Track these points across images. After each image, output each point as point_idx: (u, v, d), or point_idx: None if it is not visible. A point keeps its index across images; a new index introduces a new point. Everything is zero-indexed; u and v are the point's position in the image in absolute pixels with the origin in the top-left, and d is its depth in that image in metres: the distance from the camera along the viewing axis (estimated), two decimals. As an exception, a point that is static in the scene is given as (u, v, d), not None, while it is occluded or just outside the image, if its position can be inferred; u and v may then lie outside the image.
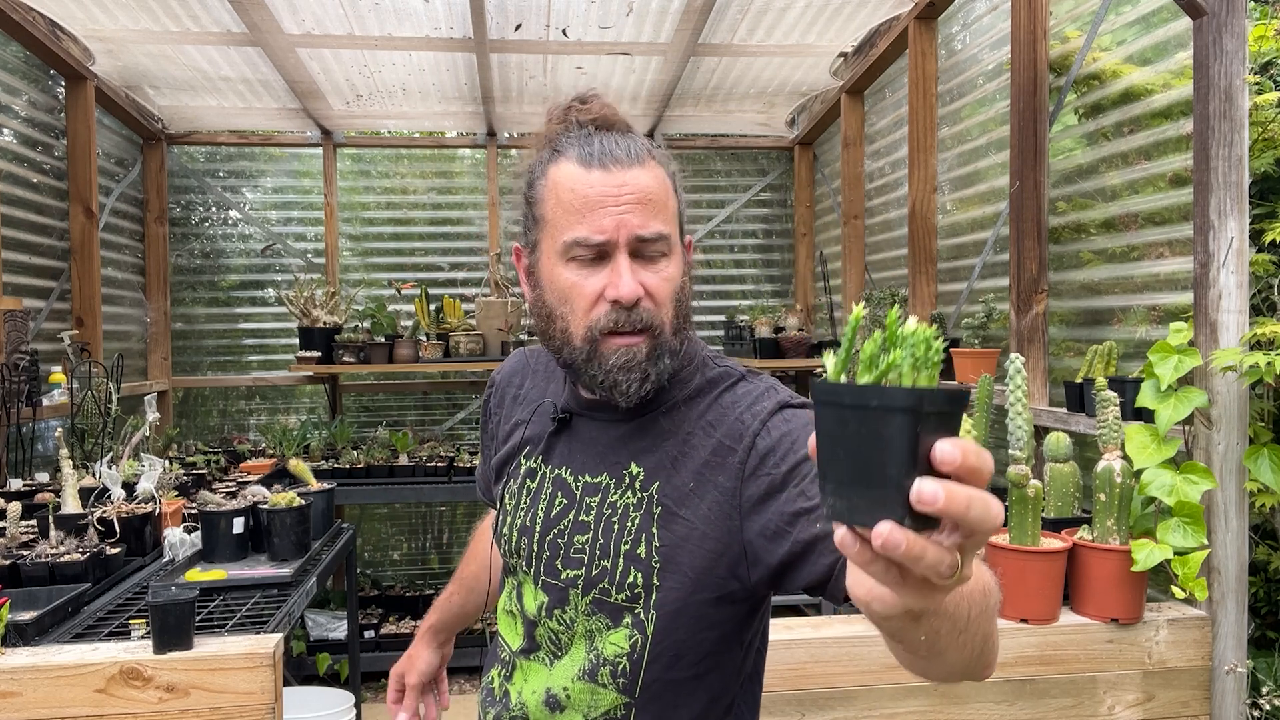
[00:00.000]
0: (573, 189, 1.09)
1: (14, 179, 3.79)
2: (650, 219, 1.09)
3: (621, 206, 1.07)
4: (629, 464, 1.16)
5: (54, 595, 2.21)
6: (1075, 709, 2.08)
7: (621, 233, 1.08)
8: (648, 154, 1.12)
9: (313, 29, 3.90)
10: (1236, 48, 2.11)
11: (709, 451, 1.13)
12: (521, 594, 1.22)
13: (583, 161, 1.10)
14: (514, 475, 1.27)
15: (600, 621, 1.14)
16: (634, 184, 1.08)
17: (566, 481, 1.20)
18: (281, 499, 2.85)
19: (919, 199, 3.78)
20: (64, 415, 3.60)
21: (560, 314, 1.12)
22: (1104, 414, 2.13)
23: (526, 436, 1.27)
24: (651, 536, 1.12)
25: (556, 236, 1.11)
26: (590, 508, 1.16)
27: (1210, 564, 2.13)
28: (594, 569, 1.14)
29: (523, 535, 1.22)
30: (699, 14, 3.78)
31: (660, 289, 1.10)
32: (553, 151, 1.14)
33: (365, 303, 5.08)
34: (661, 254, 1.11)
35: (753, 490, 1.08)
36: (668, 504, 1.13)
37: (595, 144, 1.11)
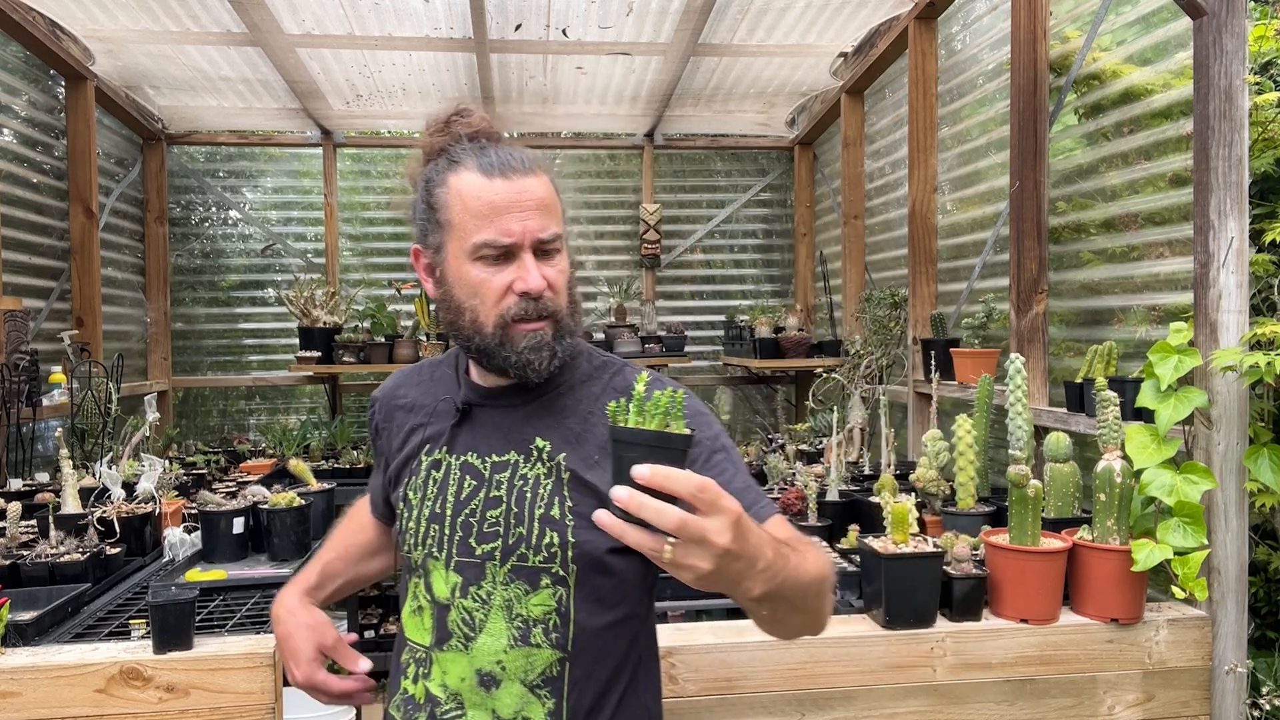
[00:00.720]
0: (478, 196, 1.22)
1: (14, 179, 3.79)
2: (548, 222, 1.24)
3: (524, 212, 1.22)
4: (534, 439, 1.30)
5: (54, 595, 2.21)
6: (1075, 709, 2.08)
7: (526, 235, 1.22)
8: (537, 163, 1.27)
9: (313, 29, 3.90)
10: (1236, 48, 2.11)
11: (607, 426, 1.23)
12: (430, 582, 1.30)
13: (484, 171, 1.23)
14: (415, 473, 1.36)
15: (518, 589, 1.25)
16: (532, 191, 1.23)
17: (474, 465, 1.31)
18: (281, 499, 2.85)
19: (919, 199, 3.78)
20: (64, 415, 3.60)
21: (470, 307, 1.25)
22: (1104, 414, 2.13)
23: (427, 436, 1.37)
24: (564, 499, 1.27)
25: (465, 239, 1.23)
26: (500, 483, 1.29)
27: (1210, 564, 2.13)
28: (511, 537, 1.26)
29: (432, 522, 1.30)
30: (699, 14, 3.78)
31: (557, 280, 1.27)
32: (450, 162, 1.27)
33: (365, 303, 5.08)
34: (556, 250, 1.27)
35: None
36: (575, 470, 1.27)
37: (492, 155, 1.24)
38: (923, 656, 2.04)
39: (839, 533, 2.77)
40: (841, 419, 4.01)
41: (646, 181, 5.65)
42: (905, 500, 2.25)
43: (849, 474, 3.40)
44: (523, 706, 1.23)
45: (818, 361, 4.76)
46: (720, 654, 1.97)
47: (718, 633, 2.03)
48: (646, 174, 5.65)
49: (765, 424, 5.63)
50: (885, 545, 2.12)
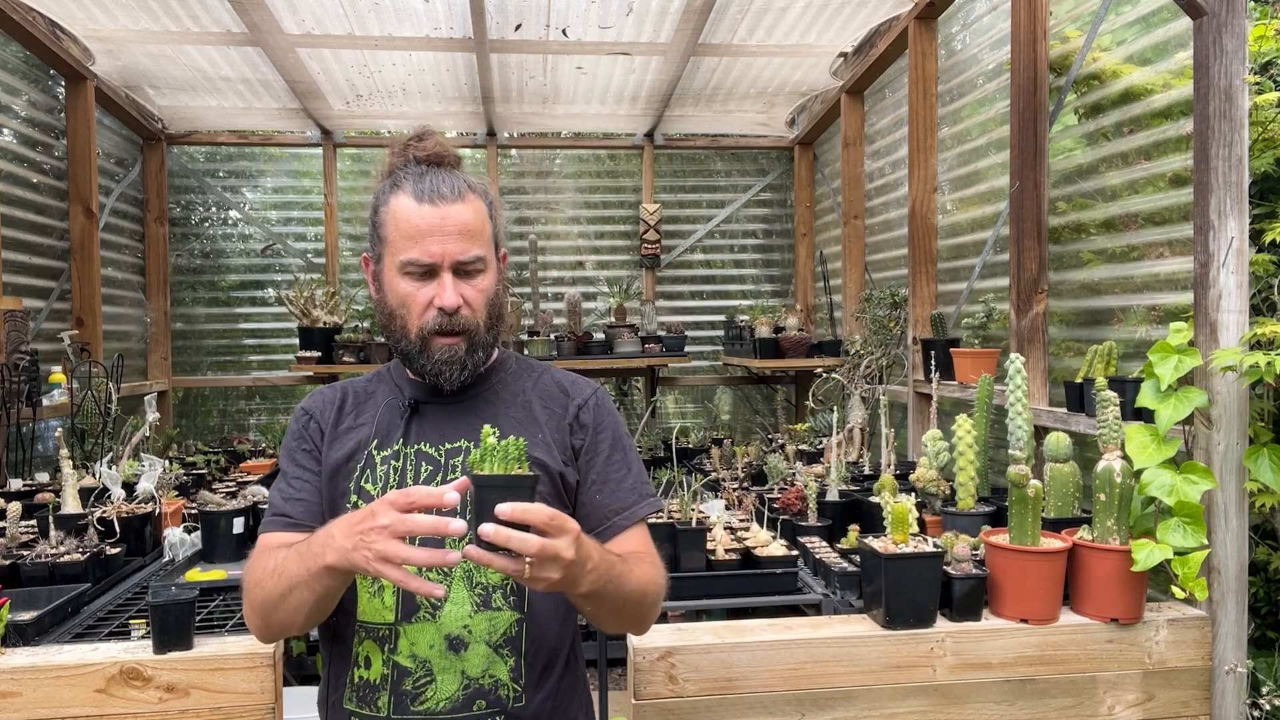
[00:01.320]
0: (408, 219, 1.36)
1: (14, 179, 3.79)
2: (469, 245, 1.37)
3: (446, 236, 1.36)
4: (481, 428, 1.34)
5: (54, 595, 2.21)
6: (1075, 709, 2.08)
7: (446, 258, 1.36)
8: (468, 189, 1.40)
9: (313, 29, 3.90)
10: (1236, 48, 2.11)
11: (546, 414, 1.49)
12: None
13: (416, 196, 1.37)
14: (370, 467, 1.43)
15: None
16: (455, 218, 1.36)
17: (428, 453, 1.43)
18: (281, 499, 2.84)
19: (919, 199, 3.78)
20: (64, 415, 3.60)
21: (399, 315, 1.40)
22: (1104, 414, 2.13)
23: (375, 431, 1.46)
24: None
25: (395, 255, 1.38)
26: (456, 466, 1.42)
27: (1210, 564, 2.13)
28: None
29: None
30: (699, 14, 3.78)
31: (476, 299, 1.40)
32: (393, 185, 1.41)
33: (365, 303, 5.08)
34: (478, 270, 1.40)
35: (577, 445, 1.49)
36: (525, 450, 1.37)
37: (426, 182, 1.38)
38: (923, 656, 2.04)
39: (839, 533, 2.77)
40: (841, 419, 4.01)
41: (646, 181, 5.65)
42: (905, 500, 2.25)
43: (849, 474, 3.40)
44: (489, 665, 1.37)
45: (818, 361, 4.76)
46: (720, 654, 1.97)
47: (718, 633, 2.03)
48: (646, 174, 5.65)
49: (765, 424, 5.63)
50: (885, 545, 2.12)
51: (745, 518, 3.07)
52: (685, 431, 5.32)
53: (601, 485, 1.48)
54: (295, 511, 1.44)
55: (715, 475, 4.07)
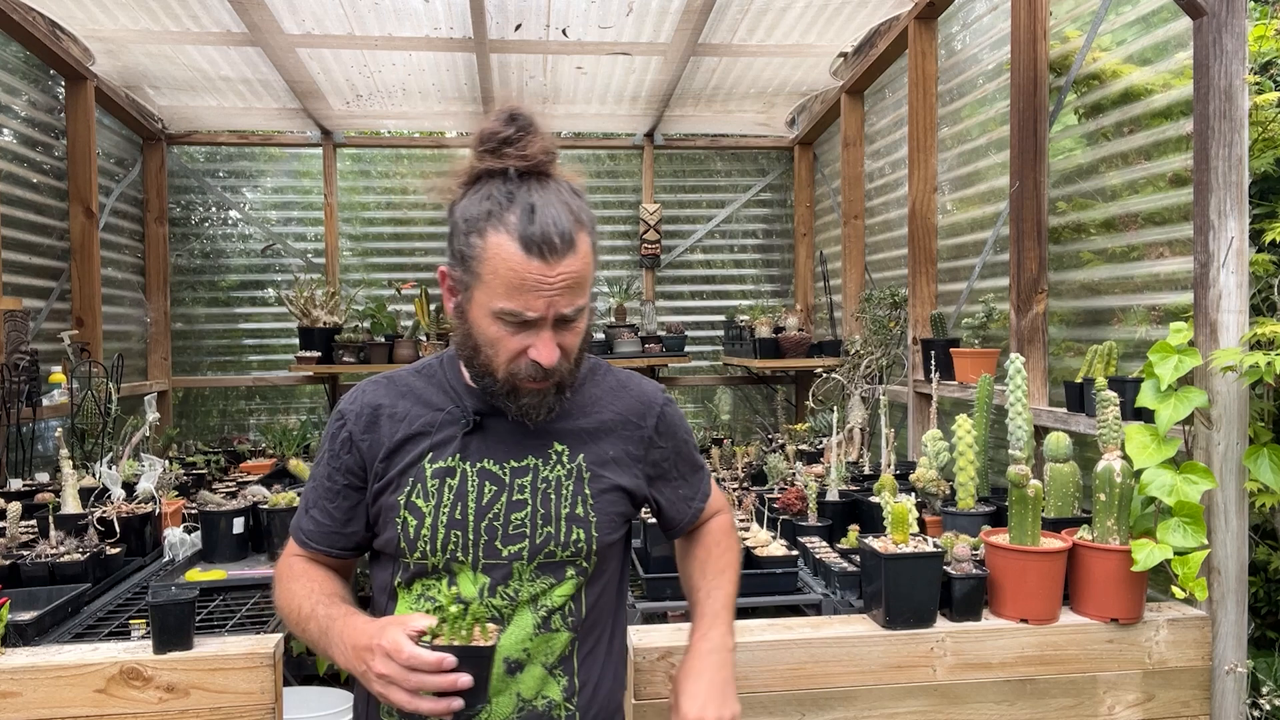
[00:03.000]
0: (512, 269, 1.22)
1: (14, 179, 3.79)
2: (575, 299, 1.27)
3: (553, 291, 1.24)
4: (552, 444, 1.40)
5: (54, 595, 2.21)
6: (1075, 709, 2.08)
7: (550, 312, 1.25)
8: (578, 227, 1.25)
9: (313, 29, 3.90)
10: (1236, 48, 2.11)
11: (620, 426, 1.45)
12: (457, 585, 1.35)
13: (524, 245, 1.22)
14: (419, 481, 1.35)
15: (545, 582, 1.36)
16: (566, 271, 1.24)
17: (492, 471, 1.37)
18: (281, 499, 2.85)
19: (919, 199, 3.78)
20: (64, 415, 3.60)
21: (486, 354, 1.30)
22: (1104, 414, 2.13)
23: (432, 444, 1.37)
24: (585, 497, 1.39)
25: (490, 299, 1.25)
26: (523, 487, 1.36)
27: (1210, 564, 2.13)
28: (538, 536, 1.35)
29: (453, 528, 1.34)
30: (699, 14, 3.78)
31: (571, 345, 1.32)
32: (492, 214, 1.24)
33: (365, 303, 5.08)
34: (580, 315, 1.31)
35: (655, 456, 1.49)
36: (594, 469, 1.40)
37: (537, 225, 1.21)
38: (923, 656, 2.04)
39: (839, 533, 2.77)
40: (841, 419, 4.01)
41: (646, 181, 5.65)
42: (905, 500, 2.25)
43: (849, 474, 3.40)
44: (542, 686, 1.35)
45: (818, 361, 4.76)
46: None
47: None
48: (646, 174, 5.65)
49: (765, 424, 5.63)
50: (885, 545, 2.12)
51: (745, 518, 3.07)
52: (685, 431, 5.31)
53: (684, 481, 1.54)
54: (309, 530, 1.43)
55: (715, 475, 4.07)
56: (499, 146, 1.25)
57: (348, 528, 1.42)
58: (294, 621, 1.37)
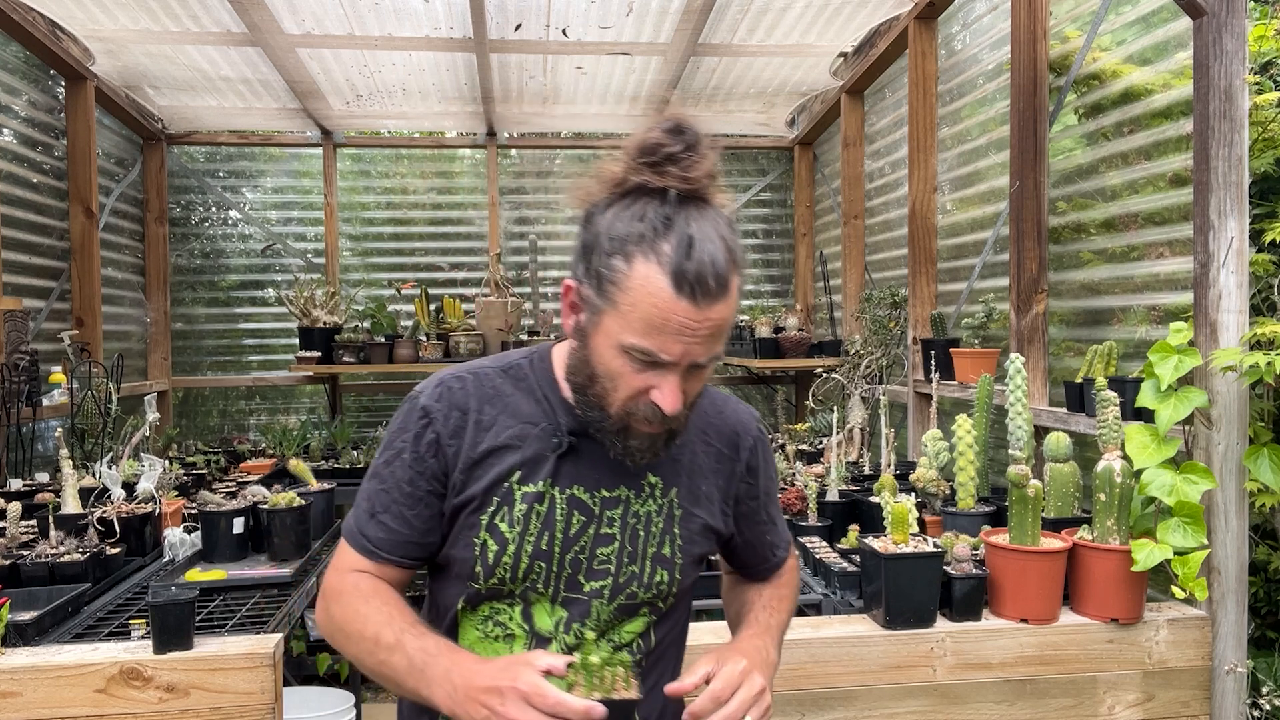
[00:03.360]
0: (656, 306, 1.08)
1: (14, 179, 3.79)
2: (714, 346, 1.14)
3: (695, 338, 1.10)
4: (646, 475, 1.27)
5: (54, 595, 2.21)
6: (1075, 709, 2.08)
7: (686, 359, 1.12)
8: (732, 269, 1.11)
9: (313, 29, 3.90)
10: (1236, 48, 2.11)
11: (713, 459, 1.34)
12: (532, 613, 1.24)
13: (676, 282, 1.07)
14: (507, 504, 1.23)
15: (618, 620, 1.26)
16: (714, 318, 1.10)
17: (582, 500, 1.24)
18: (281, 499, 2.85)
19: (919, 199, 3.78)
20: (64, 415, 3.60)
21: (603, 385, 1.17)
22: (1104, 414, 2.13)
23: (521, 462, 1.24)
24: (674, 536, 1.28)
25: (623, 332, 1.11)
26: (613, 520, 1.25)
27: (1210, 564, 2.13)
28: (622, 575, 1.25)
29: (537, 559, 1.22)
30: (699, 14, 3.78)
31: (694, 391, 1.19)
32: (644, 239, 1.09)
33: (365, 303, 5.08)
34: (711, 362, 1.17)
35: (740, 491, 1.38)
36: (686, 506, 1.29)
37: (693, 264, 1.07)
38: (923, 656, 2.04)
39: (839, 533, 2.77)
40: (841, 419, 4.01)
41: (646, 181, 5.64)
42: (905, 500, 2.25)
43: (849, 474, 3.40)
44: None
45: (818, 361, 4.76)
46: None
47: (718, 632, 2.03)
48: (646, 174, 5.64)
49: (765, 424, 5.63)
50: (885, 545, 2.12)
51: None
52: (685, 431, 5.31)
53: (772, 526, 1.43)
54: (379, 539, 1.25)
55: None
56: (661, 162, 1.10)
57: (427, 538, 1.26)
58: (366, 650, 1.19)
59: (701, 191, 1.12)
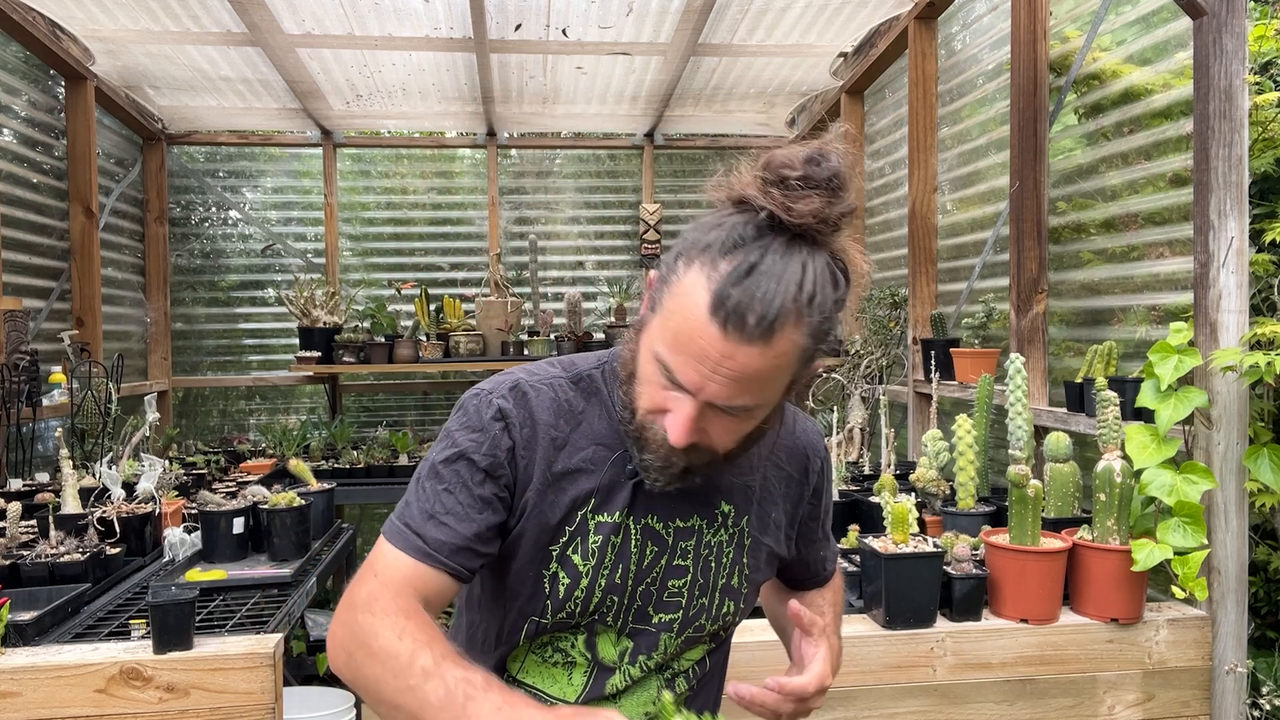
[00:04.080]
0: (687, 321, 0.99)
1: (14, 179, 3.79)
2: (740, 395, 1.01)
3: (717, 374, 0.99)
4: (720, 503, 1.21)
5: (54, 595, 2.21)
6: (1075, 709, 2.08)
7: (703, 393, 1.01)
8: (789, 320, 0.97)
9: (313, 29, 3.90)
10: (1236, 48, 2.11)
11: (784, 484, 1.28)
12: (595, 643, 1.19)
13: (713, 303, 0.97)
14: (580, 532, 1.15)
15: (683, 650, 1.24)
16: (740, 362, 0.97)
17: (656, 530, 1.17)
18: (281, 499, 2.85)
19: (919, 199, 3.78)
20: (64, 415, 3.60)
21: (635, 388, 1.09)
22: (1104, 414, 2.13)
23: (598, 487, 1.15)
24: (742, 567, 1.23)
25: (658, 337, 1.04)
26: (686, 551, 1.18)
27: (1210, 564, 2.13)
28: (692, 609, 1.20)
29: (610, 593, 1.16)
30: (699, 14, 3.78)
31: (722, 438, 1.07)
32: (709, 249, 1.00)
33: (365, 303, 5.08)
34: (744, 415, 1.05)
35: (803, 514, 1.32)
36: (755, 535, 1.24)
37: (740, 291, 0.96)
38: (923, 656, 2.04)
39: (839, 533, 2.77)
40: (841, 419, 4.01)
41: (646, 181, 5.65)
42: (905, 500, 2.25)
43: (849, 474, 3.40)
44: None
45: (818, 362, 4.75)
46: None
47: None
48: (646, 174, 5.65)
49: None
50: (885, 545, 2.12)
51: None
52: (685, 431, 5.31)
53: (825, 542, 1.39)
54: (439, 541, 1.09)
55: (715, 475, 4.06)
56: (773, 182, 1.01)
57: (487, 548, 1.13)
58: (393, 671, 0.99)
59: (804, 230, 0.99)
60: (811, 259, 0.99)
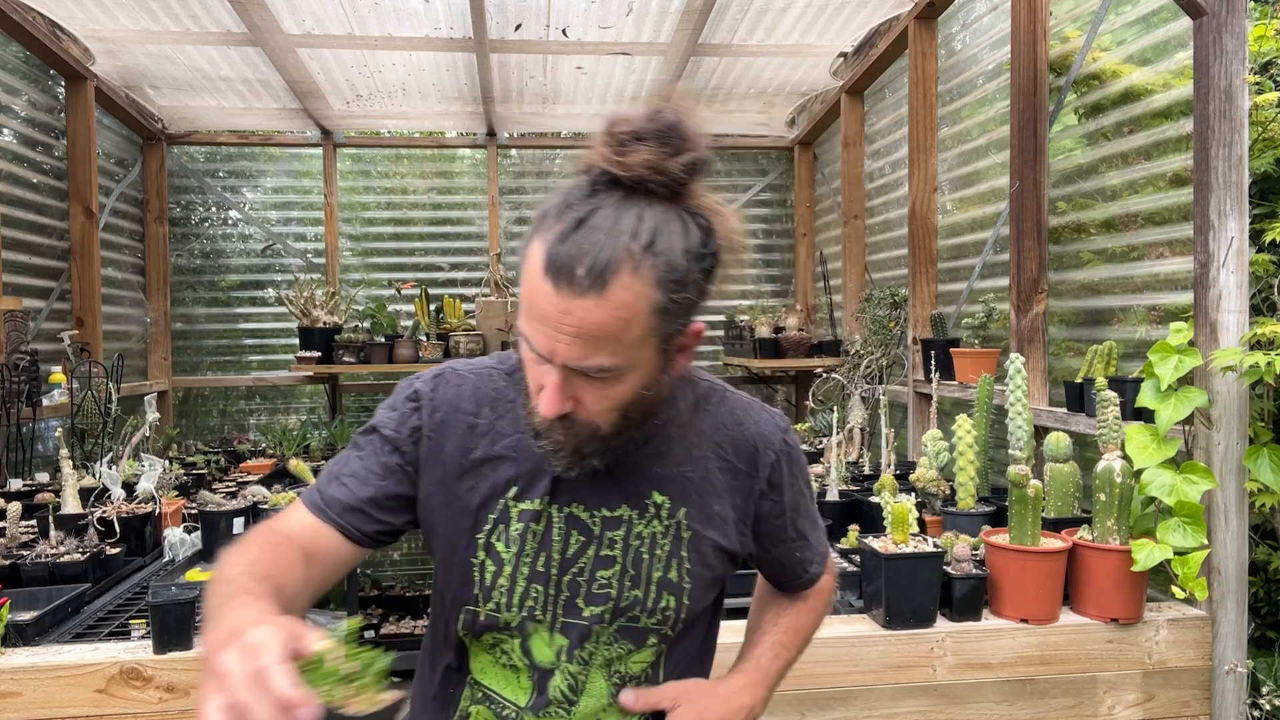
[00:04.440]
0: (529, 287, 0.98)
1: (14, 179, 3.79)
2: (591, 353, 0.97)
3: (560, 334, 0.96)
4: (650, 494, 1.17)
5: (54, 595, 2.21)
6: (1075, 709, 2.08)
7: (556, 355, 0.98)
8: (622, 270, 0.93)
9: (313, 29, 3.90)
10: (1236, 48, 2.11)
11: (728, 476, 1.21)
12: (530, 646, 1.17)
13: (546, 265, 0.95)
14: (503, 520, 1.15)
15: (622, 648, 1.18)
16: (577, 316, 0.95)
17: (581, 519, 1.16)
18: (281, 499, 2.85)
19: (919, 199, 3.78)
20: (64, 415, 3.60)
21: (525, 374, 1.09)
22: (1104, 414, 2.13)
23: (519, 474, 1.16)
24: (682, 560, 1.18)
25: (520, 316, 1.03)
26: (614, 542, 1.16)
27: (1210, 564, 2.13)
28: (623, 600, 1.16)
29: (534, 582, 1.15)
30: (699, 14, 3.78)
31: (596, 404, 1.03)
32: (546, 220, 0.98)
33: (365, 303, 5.08)
34: (610, 377, 1.01)
35: (764, 510, 1.25)
36: (696, 528, 1.19)
37: (568, 245, 0.94)
38: (923, 656, 2.04)
39: (839, 533, 2.77)
40: (841, 419, 4.01)
41: (646, 181, 5.64)
42: (905, 500, 2.25)
43: (849, 474, 3.40)
44: None
45: (818, 361, 4.76)
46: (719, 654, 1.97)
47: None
48: (646, 174, 5.64)
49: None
50: (885, 545, 2.12)
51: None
52: (685, 431, 5.32)
53: (803, 542, 1.31)
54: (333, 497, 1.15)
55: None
56: (607, 143, 0.98)
57: (383, 515, 1.16)
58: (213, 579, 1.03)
59: (642, 182, 0.95)
60: (650, 209, 0.96)
